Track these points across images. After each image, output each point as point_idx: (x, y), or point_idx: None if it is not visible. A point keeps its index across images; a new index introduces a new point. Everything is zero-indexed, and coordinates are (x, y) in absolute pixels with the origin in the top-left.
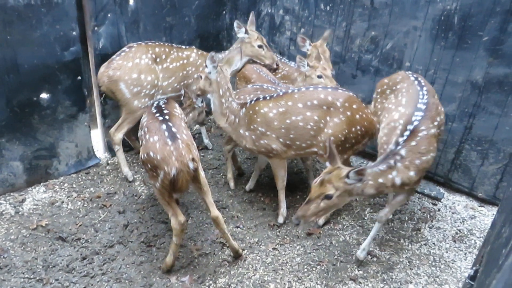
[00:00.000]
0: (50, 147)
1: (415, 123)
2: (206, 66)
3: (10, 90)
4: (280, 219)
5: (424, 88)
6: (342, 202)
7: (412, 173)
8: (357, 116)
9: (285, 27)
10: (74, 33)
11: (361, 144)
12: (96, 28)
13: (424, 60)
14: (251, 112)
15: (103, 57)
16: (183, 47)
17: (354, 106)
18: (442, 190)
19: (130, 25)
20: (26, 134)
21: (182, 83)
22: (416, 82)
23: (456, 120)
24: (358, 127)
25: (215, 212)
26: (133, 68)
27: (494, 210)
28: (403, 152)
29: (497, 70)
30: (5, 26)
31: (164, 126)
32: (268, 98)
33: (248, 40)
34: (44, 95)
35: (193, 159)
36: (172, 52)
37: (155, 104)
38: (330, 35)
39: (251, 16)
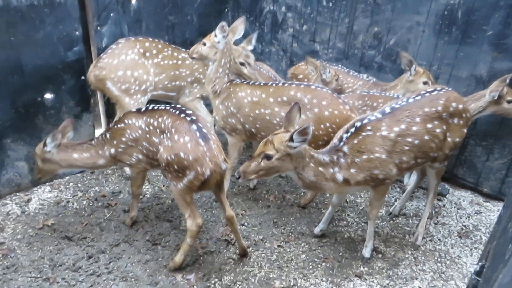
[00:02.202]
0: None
1: (365, 121)
2: (215, 35)
3: (14, 91)
4: None
5: (415, 97)
6: (284, 168)
7: (353, 171)
8: (326, 112)
9: (288, 24)
10: (77, 33)
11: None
12: (98, 28)
13: (427, 55)
14: (231, 89)
15: None
16: (183, 49)
17: (324, 103)
18: (447, 186)
19: (132, 25)
20: (31, 134)
21: (174, 83)
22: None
23: None
24: (328, 124)
25: (230, 212)
26: (119, 66)
27: (499, 205)
28: (345, 148)
29: (501, 64)
30: (9, 27)
31: (194, 127)
32: (250, 83)
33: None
34: (48, 96)
35: (225, 160)
36: (166, 49)
37: (171, 106)
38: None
39: (254, 36)
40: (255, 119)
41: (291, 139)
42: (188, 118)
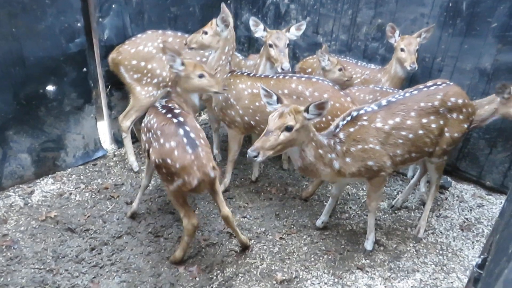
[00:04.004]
0: (57, 139)
1: (361, 111)
2: (216, 24)
3: (16, 83)
4: (222, 187)
5: (413, 92)
6: (298, 141)
7: (348, 160)
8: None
9: (291, 15)
10: (78, 24)
11: None
12: (100, 19)
13: (431, 47)
14: (231, 81)
15: (108, 49)
16: None
17: (325, 96)
18: (449, 179)
19: (134, 16)
20: (34, 126)
21: None
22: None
23: None
24: (329, 117)
25: (225, 211)
26: (135, 55)
27: (502, 198)
28: (341, 135)
29: (506, 57)
30: (10, 19)
31: (181, 131)
32: (251, 75)
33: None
34: (50, 88)
35: (213, 168)
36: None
37: (161, 104)
38: (325, 44)
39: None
40: (255, 112)
41: (306, 110)
42: (175, 120)
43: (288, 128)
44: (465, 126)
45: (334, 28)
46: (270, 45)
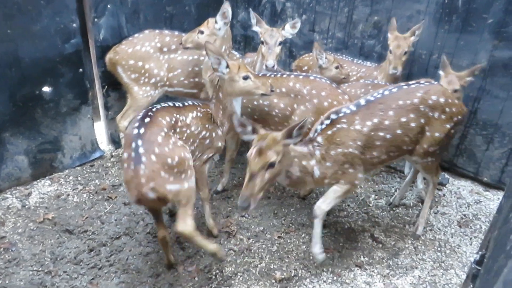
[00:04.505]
0: (54, 140)
1: (340, 114)
2: (216, 21)
3: (12, 84)
4: (219, 187)
5: (392, 89)
6: (282, 170)
7: (328, 164)
8: (325, 103)
9: (287, 14)
10: (74, 25)
11: None
12: (96, 19)
13: (428, 44)
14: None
15: (104, 49)
16: None
17: (323, 94)
18: (447, 175)
19: (130, 16)
20: (30, 128)
21: (192, 80)
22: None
23: None
24: None
25: (179, 227)
26: (132, 54)
27: (499, 194)
28: (319, 139)
29: (502, 53)
30: (6, 20)
31: (133, 144)
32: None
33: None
34: (46, 89)
35: (153, 188)
36: None
37: (149, 108)
38: (321, 42)
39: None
40: (254, 110)
41: (289, 136)
42: (135, 131)
43: (272, 165)
44: (448, 126)
45: (331, 26)
46: (262, 42)
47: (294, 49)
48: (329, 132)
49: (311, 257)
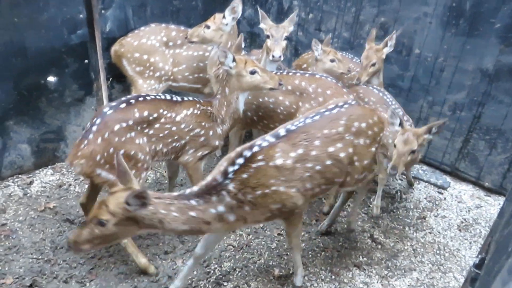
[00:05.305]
0: (57, 130)
1: (254, 149)
2: (224, 17)
3: (17, 73)
4: None
5: (314, 117)
6: (129, 231)
7: (248, 209)
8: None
9: (293, 12)
10: (81, 16)
11: None
12: (103, 11)
13: (434, 47)
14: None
15: (110, 41)
16: None
17: (328, 92)
18: (448, 179)
19: (137, 9)
20: (34, 117)
21: (197, 75)
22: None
23: (465, 108)
24: None
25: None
26: (137, 48)
27: (500, 199)
28: (231, 187)
29: (508, 58)
30: (12, 9)
31: (95, 119)
32: None
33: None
34: (51, 79)
35: (82, 165)
36: None
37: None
38: (329, 40)
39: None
40: (258, 107)
41: (127, 203)
42: (105, 109)
43: (101, 223)
44: (373, 150)
45: (337, 26)
46: (268, 36)
47: (299, 47)
48: (244, 175)
49: (310, 255)
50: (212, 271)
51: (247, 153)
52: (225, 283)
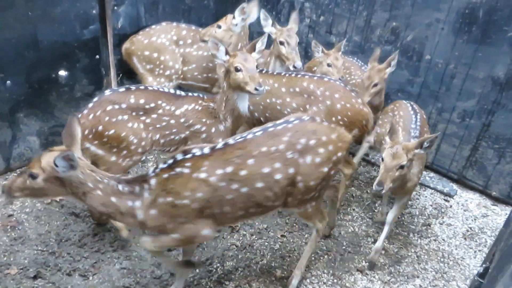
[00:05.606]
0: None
1: (187, 155)
2: (234, 17)
3: (29, 66)
4: None
5: (256, 132)
6: (55, 191)
7: (153, 212)
8: (338, 105)
9: (305, 14)
10: (94, 11)
11: None
12: (115, 7)
13: (445, 53)
14: None
15: (122, 37)
16: None
17: (336, 96)
18: (455, 186)
19: (149, 6)
20: (44, 110)
21: (206, 75)
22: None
23: (474, 116)
24: (339, 117)
25: None
26: (147, 46)
27: (507, 209)
28: (153, 181)
29: None
30: (27, 2)
31: (95, 98)
32: (263, 72)
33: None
34: (62, 73)
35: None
36: None
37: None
38: (343, 45)
39: (294, 15)
40: (266, 108)
41: (55, 163)
42: (108, 92)
43: (32, 176)
44: (325, 170)
45: (348, 29)
46: (281, 43)
47: (309, 50)
48: (166, 175)
49: (313, 258)
50: (214, 270)
51: (179, 156)
52: (226, 282)
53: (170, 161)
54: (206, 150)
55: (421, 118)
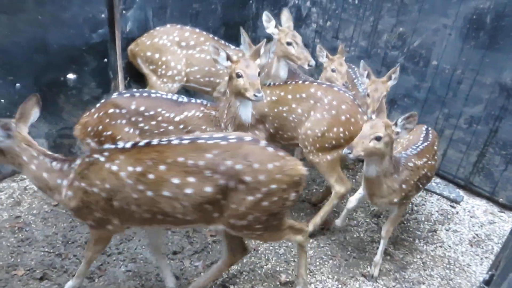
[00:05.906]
0: (74, 126)
1: (115, 145)
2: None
3: (38, 69)
4: None
5: (184, 139)
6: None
7: (70, 193)
8: (343, 117)
9: (311, 19)
10: (102, 15)
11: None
12: (124, 11)
13: (452, 59)
14: None
15: (130, 41)
16: (232, 46)
17: (343, 107)
18: (461, 193)
19: (157, 10)
20: (52, 113)
21: (207, 79)
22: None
23: (481, 122)
24: (341, 129)
25: None
26: (150, 47)
27: None
28: (78, 161)
29: None
30: (37, 5)
31: (103, 99)
32: (269, 86)
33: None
34: (71, 76)
35: (74, 130)
36: (208, 43)
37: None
38: (345, 49)
39: (287, 12)
40: (274, 118)
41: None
42: (115, 95)
43: None
44: (250, 198)
45: (355, 34)
46: (289, 43)
47: (315, 54)
48: (86, 159)
49: (318, 263)
50: None
51: (110, 145)
52: (231, 286)
53: (103, 147)
54: (128, 145)
55: (429, 145)
